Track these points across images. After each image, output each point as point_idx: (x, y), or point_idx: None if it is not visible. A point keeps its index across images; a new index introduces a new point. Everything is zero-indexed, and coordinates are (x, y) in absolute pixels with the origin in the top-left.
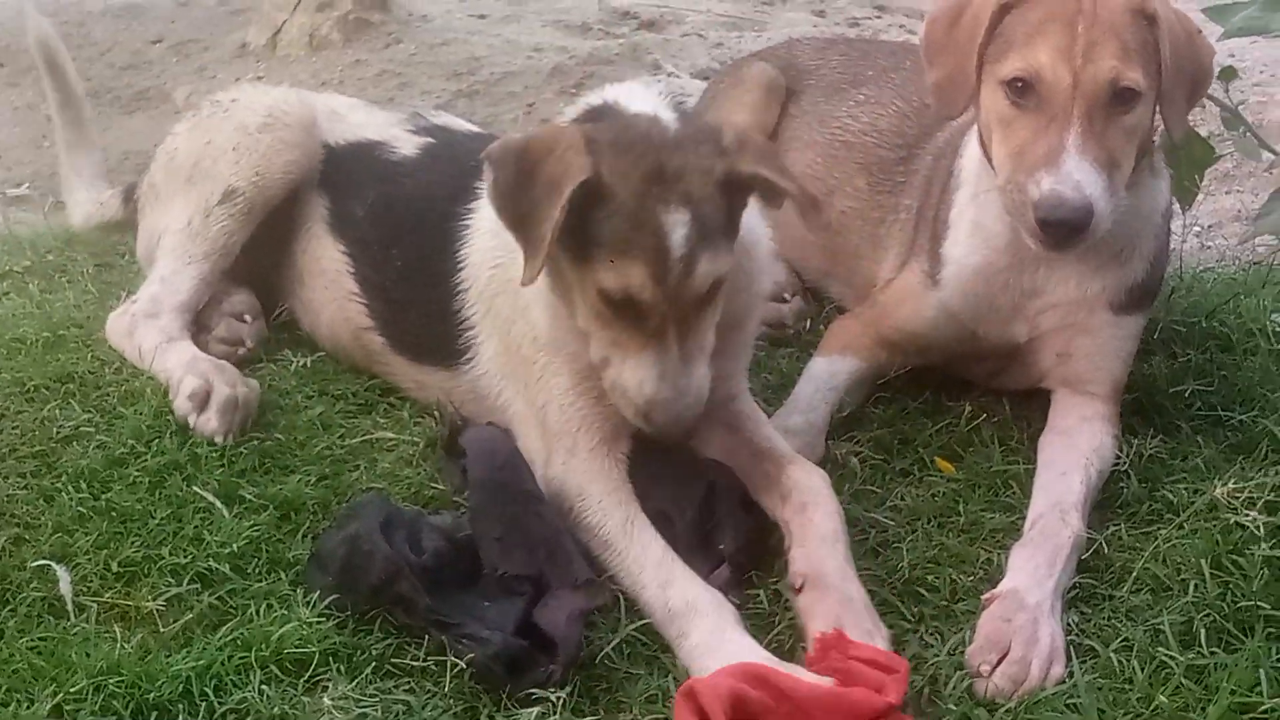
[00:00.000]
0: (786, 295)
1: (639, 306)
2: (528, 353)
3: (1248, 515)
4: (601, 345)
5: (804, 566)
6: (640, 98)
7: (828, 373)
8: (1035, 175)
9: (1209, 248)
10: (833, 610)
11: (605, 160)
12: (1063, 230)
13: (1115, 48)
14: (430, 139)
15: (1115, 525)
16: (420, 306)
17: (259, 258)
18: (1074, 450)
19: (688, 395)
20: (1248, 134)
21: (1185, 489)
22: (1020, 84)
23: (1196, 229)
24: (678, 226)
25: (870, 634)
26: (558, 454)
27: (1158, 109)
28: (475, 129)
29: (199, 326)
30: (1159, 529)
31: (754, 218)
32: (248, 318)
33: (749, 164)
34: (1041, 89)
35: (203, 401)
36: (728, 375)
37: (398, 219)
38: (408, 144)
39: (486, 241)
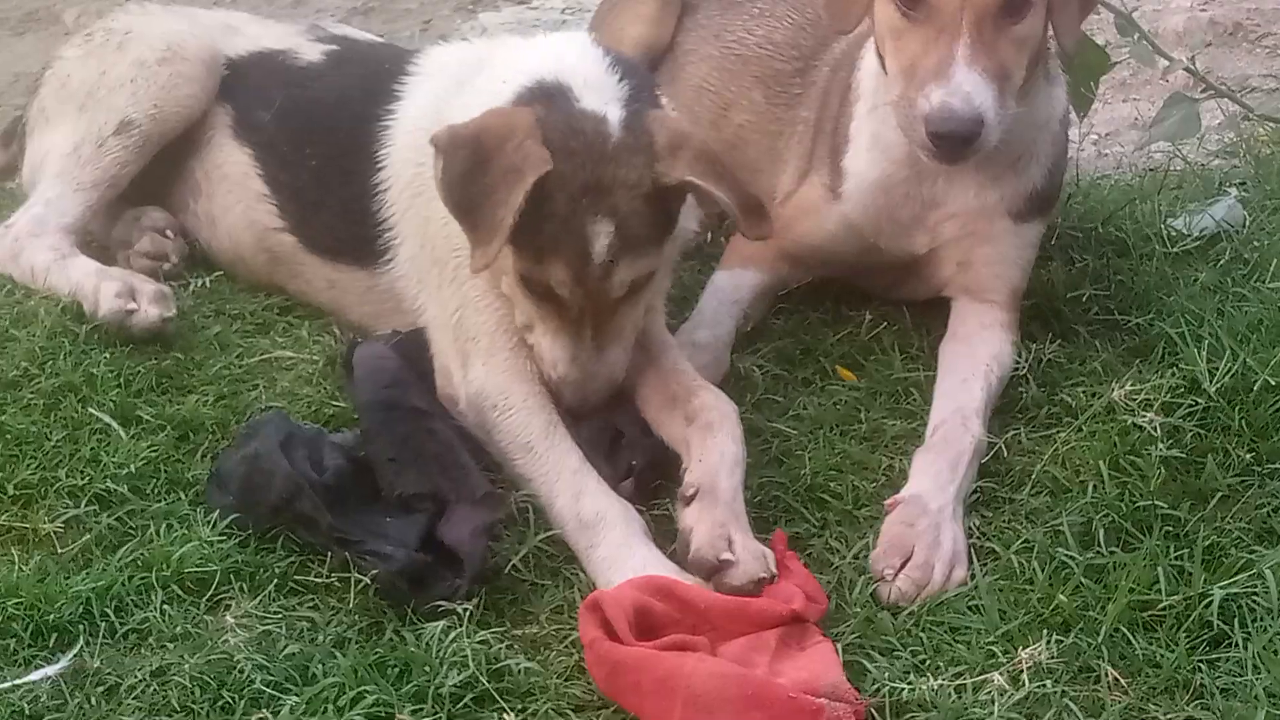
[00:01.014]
0: None
1: (558, 298)
2: (443, 254)
3: (1144, 417)
4: (523, 313)
5: (700, 478)
6: (594, 86)
7: (731, 286)
8: (925, 89)
9: (1106, 155)
10: (720, 521)
11: (556, 160)
12: (953, 142)
13: None
14: (334, 46)
15: (1015, 429)
16: (336, 205)
17: (145, 182)
18: (974, 357)
19: (597, 380)
20: (1143, 41)
21: (1083, 392)
22: None
23: (1093, 137)
24: (600, 236)
25: (754, 550)
26: (476, 357)
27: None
28: (377, 38)
29: (118, 243)
30: (1058, 432)
31: None
32: (170, 233)
33: (679, 172)
34: None
35: (130, 299)
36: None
37: (310, 120)
38: (312, 51)
39: (408, 141)
